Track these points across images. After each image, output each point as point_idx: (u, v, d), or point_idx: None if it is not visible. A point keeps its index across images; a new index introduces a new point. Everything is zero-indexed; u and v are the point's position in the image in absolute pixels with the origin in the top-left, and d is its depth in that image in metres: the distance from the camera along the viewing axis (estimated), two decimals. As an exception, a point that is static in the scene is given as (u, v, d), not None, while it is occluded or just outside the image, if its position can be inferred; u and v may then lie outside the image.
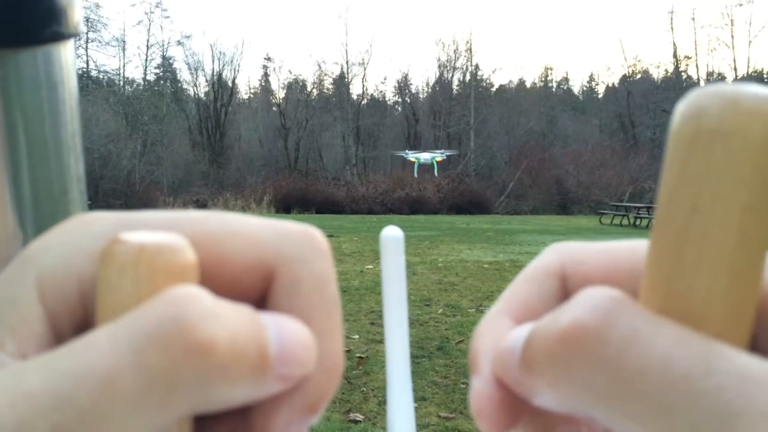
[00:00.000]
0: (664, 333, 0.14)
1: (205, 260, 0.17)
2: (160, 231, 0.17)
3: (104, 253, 0.16)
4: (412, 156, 13.84)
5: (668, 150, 0.15)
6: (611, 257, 0.20)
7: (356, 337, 4.59)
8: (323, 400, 0.18)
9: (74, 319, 0.17)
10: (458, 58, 38.74)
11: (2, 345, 0.16)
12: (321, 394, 0.18)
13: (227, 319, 0.15)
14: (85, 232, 0.18)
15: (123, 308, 0.15)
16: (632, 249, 0.20)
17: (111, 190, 28.07)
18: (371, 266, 8.24)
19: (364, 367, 3.86)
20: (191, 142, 35.64)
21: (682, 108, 0.15)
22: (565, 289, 0.21)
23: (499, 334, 0.20)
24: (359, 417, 3.09)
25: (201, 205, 27.70)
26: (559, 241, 0.22)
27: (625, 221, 18.69)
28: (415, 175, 11.98)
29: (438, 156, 13.73)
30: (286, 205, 26.09)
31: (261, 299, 0.19)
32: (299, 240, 0.19)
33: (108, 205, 25.88)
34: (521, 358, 0.17)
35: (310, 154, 36.37)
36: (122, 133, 31.03)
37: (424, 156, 13.87)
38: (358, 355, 4.09)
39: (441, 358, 4.10)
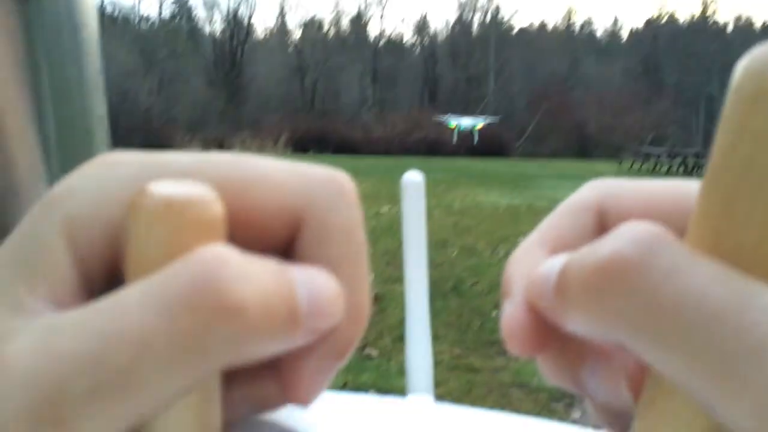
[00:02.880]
0: (702, 270, 0.14)
1: (231, 207, 0.17)
2: (187, 178, 0.17)
3: (132, 205, 0.16)
4: (452, 121, 13.32)
5: (727, 105, 0.15)
6: (651, 196, 0.20)
7: (372, 277, 4.65)
8: (349, 348, 0.19)
9: (103, 264, 0.17)
10: (479, -2, 37.70)
11: (34, 290, 0.16)
12: (348, 342, 0.18)
13: (257, 280, 0.15)
14: (111, 175, 0.17)
15: (153, 262, 0.15)
16: (673, 189, 0.20)
17: (129, 128, 28.12)
18: (387, 208, 8.27)
19: (379, 305, 3.93)
20: (208, 81, 35.39)
21: (745, 63, 0.15)
22: (601, 225, 0.21)
23: (533, 262, 0.20)
24: (374, 353, 3.16)
25: (218, 144, 27.70)
26: (576, 186, 0.23)
27: (645, 167, 18.48)
28: (454, 141, 11.60)
29: (480, 122, 13.17)
30: (302, 146, 26.02)
31: (288, 246, 0.19)
32: (328, 187, 0.19)
33: (126, 143, 25.87)
34: (556, 284, 0.17)
35: (326, 95, 36.01)
36: (138, 70, 30.86)
37: (465, 122, 13.30)
38: (373, 294, 4.15)
39: (455, 300, 4.16)
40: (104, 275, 0.17)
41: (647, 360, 0.15)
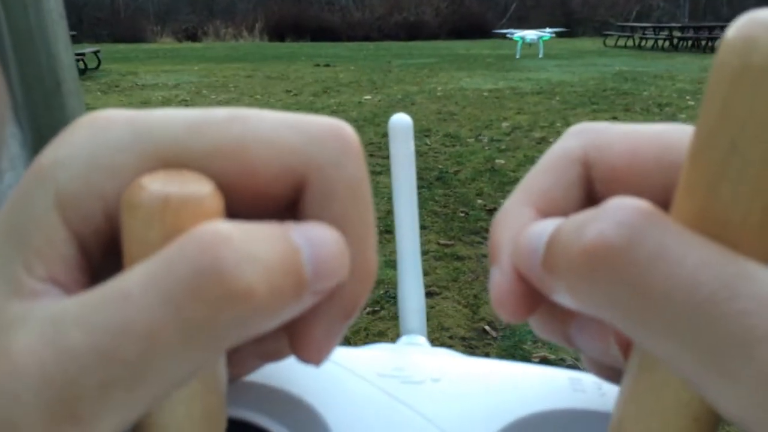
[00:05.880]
0: (692, 252, 0.14)
1: (231, 171, 0.17)
2: (181, 145, 0.16)
3: (127, 202, 0.15)
4: (516, 36, 12.49)
5: (711, 79, 0.14)
6: (636, 143, 0.20)
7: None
8: (358, 306, 0.18)
9: (101, 238, 0.17)
10: None
11: (30, 269, 0.15)
12: (356, 301, 0.18)
13: (261, 256, 0.14)
14: (100, 142, 0.16)
15: None
16: (659, 134, 0.19)
17: (96, 19, 26.87)
18: (369, 97, 8.13)
19: (365, 199, 3.95)
20: (175, -35, 33.51)
21: (730, 37, 0.14)
22: (587, 177, 0.20)
23: (519, 225, 0.19)
24: (362, 246, 3.22)
25: (190, 34, 26.67)
26: (561, 65, 0.22)
27: (629, 43, 18.14)
28: (518, 56, 10.86)
29: (546, 36, 12.30)
30: (279, 33, 25.16)
31: (292, 204, 0.18)
32: (331, 143, 0.18)
33: (94, 36, 24.91)
34: (543, 259, 0.17)
35: (301, -24, 34.33)
36: (100, -44, 29.08)
37: (530, 35, 12.43)
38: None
39: (440, 188, 4.19)
40: (103, 249, 0.17)
41: (635, 341, 0.15)
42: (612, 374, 0.22)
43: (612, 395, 0.25)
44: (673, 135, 0.19)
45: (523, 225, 0.19)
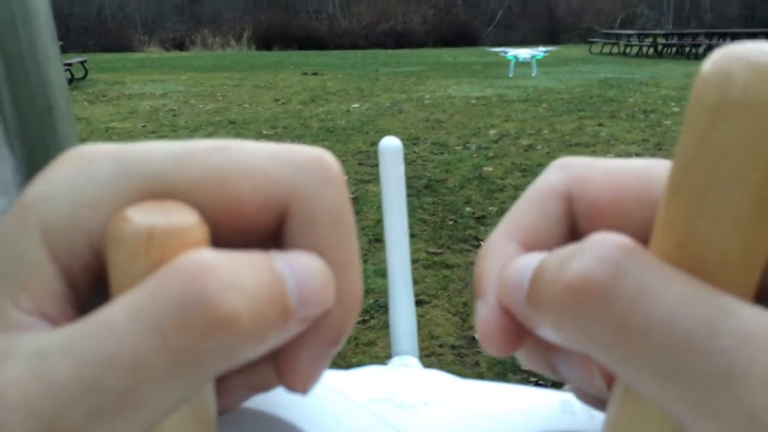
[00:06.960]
0: (671, 289, 0.14)
1: (216, 201, 0.17)
2: (165, 178, 0.17)
3: (112, 234, 0.15)
4: (509, 54, 12.64)
5: (688, 113, 0.14)
6: (619, 179, 0.20)
7: (345, 177, 4.64)
8: (344, 334, 0.19)
9: (89, 272, 0.17)
10: None
11: (17, 302, 0.16)
12: (341, 329, 0.18)
13: (246, 283, 0.15)
14: (85, 176, 0.17)
15: None
16: (641, 170, 0.20)
17: (83, 29, 26.76)
18: (357, 105, 8.14)
19: (354, 207, 3.95)
20: (161, -25, 33.44)
21: (706, 72, 0.14)
22: (570, 211, 0.21)
23: (504, 259, 0.20)
24: (351, 255, 3.21)
25: (178, 43, 26.63)
26: (548, 72, 0.22)
27: (615, 50, 18.30)
28: (510, 74, 10.94)
29: (540, 54, 12.47)
30: (266, 42, 25.17)
31: (275, 233, 0.18)
32: (312, 172, 0.18)
33: (81, 45, 24.79)
34: (527, 294, 0.17)
35: (288, -15, 34.36)
36: (86, -34, 28.97)
37: (524, 54, 12.59)
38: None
39: (429, 196, 4.20)
40: (92, 283, 0.17)
41: (618, 376, 0.15)
42: (599, 402, 0.22)
43: (602, 418, 0.25)
44: (655, 171, 0.19)
45: (507, 259, 0.19)
